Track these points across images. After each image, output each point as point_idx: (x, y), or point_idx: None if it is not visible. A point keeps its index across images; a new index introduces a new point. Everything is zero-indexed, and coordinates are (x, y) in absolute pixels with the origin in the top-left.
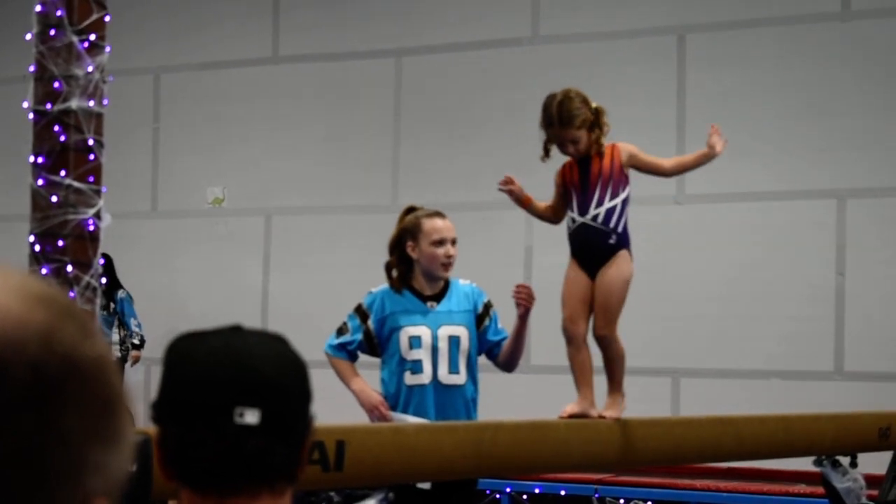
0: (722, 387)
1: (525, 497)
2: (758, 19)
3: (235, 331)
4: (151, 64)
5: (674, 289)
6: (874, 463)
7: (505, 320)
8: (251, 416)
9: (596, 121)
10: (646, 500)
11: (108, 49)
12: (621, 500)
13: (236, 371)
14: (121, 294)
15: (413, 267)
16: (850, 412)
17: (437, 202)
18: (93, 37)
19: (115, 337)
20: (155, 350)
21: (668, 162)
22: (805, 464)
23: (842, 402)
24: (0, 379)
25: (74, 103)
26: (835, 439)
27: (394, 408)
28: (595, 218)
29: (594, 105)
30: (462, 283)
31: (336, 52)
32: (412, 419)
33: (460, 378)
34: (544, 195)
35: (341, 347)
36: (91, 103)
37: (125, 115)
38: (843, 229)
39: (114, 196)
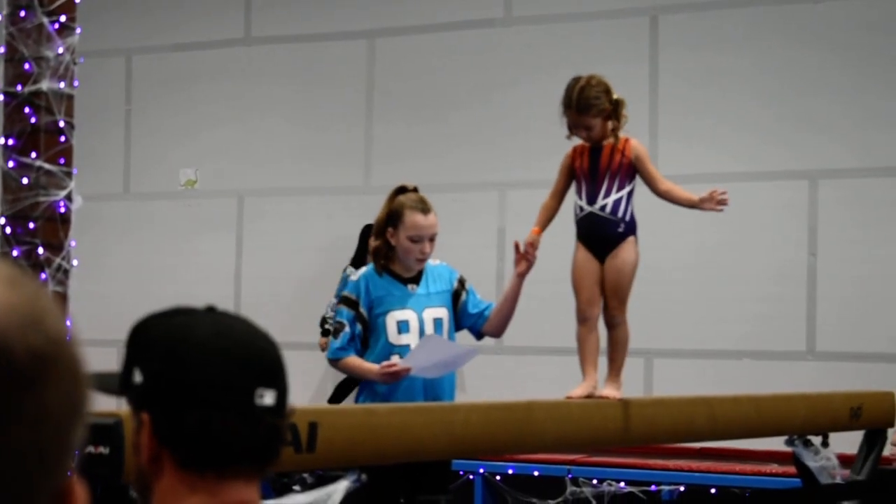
0: (694, 367)
1: (498, 478)
2: (731, 0)
3: (214, 311)
4: (123, 45)
5: (646, 270)
6: (845, 443)
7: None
8: (269, 398)
9: (614, 111)
10: (619, 481)
11: (78, 30)
12: (594, 481)
13: (252, 352)
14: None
15: (392, 250)
16: (821, 392)
17: (410, 183)
18: (63, 18)
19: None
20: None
21: (664, 183)
22: (777, 443)
23: (814, 382)
24: (5, 363)
25: (45, 85)
26: (806, 419)
27: (383, 395)
28: (603, 208)
29: (615, 96)
30: (433, 262)
31: (308, 34)
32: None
33: None
34: (516, 174)
35: (344, 347)
36: (62, 85)
37: (97, 96)
38: (814, 210)
39: (85, 178)
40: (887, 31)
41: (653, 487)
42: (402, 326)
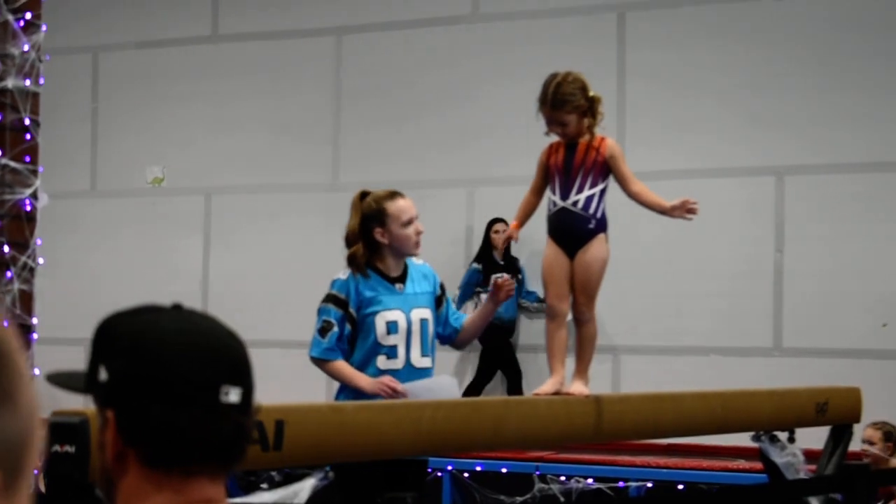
0: (661, 364)
1: (466, 475)
2: None
3: (180, 309)
4: (89, 43)
5: (613, 266)
6: (812, 438)
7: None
8: (234, 395)
9: (590, 108)
10: (587, 478)
11: (44, 28)
12: (562, 478)
13: (217, 349)
14: (521, 263)
15: (378, 251)
16: (788, 388)
17: (377, 181)
18: (28, 15)
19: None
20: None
21: (636, 185)
22: (744, 439)
23: (780, 377)
24: None
25: (10, 82)
26: (773, 415)
27: (365, 397)
28: (575, 203)
29: (592, 93)
30: (416, 262)
31: (276, 31)
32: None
33: (429, 361)
34: (485, 171)
35: (332, 349)
36: (27, 82)
37: (63, 94)
38: (781, 206)
39: (52, 176)
40: (852, 29)
41: (620, 484)
42: (392, 327)
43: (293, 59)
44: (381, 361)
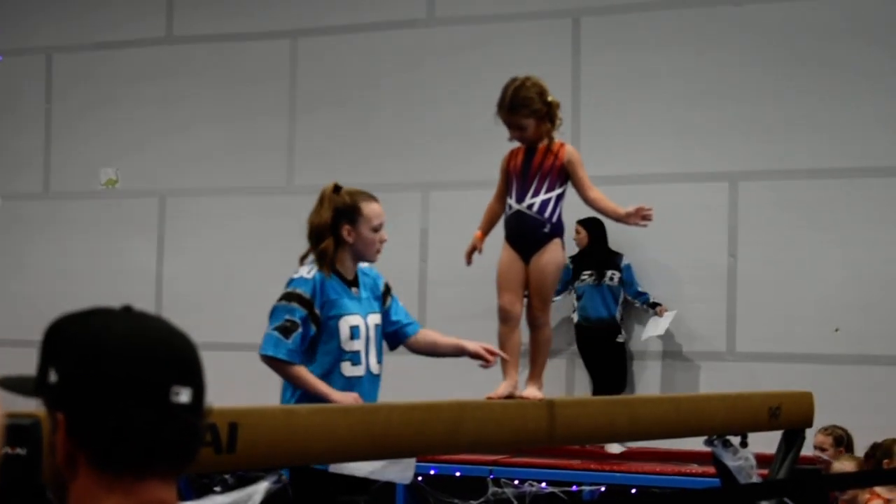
0: None
1: (420, 479)
2: (652, 3)
3: (130, 311)
4: (43, 43)
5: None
6: (764, 442)
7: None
8: (185, 395)
9: (548, 113)
10: (540, 481)
11: None
12: (516, 481)
13: (167, 350)
14: (625, 261)
15: (338, 250)
16: (741, 392)
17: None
18: None
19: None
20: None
21: (594, 191)
22: (697, 444)
23: (733, 382)
24: None
25: None
26: (726, 419)
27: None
28: (530, 207)
29: (550, 98)
30: (362, 265)
31: (231, 33)
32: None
33: (382, 367)
34: (439, 175)
35: (296, 351)
36: None
37: (16, 95)
38: (734, 211)
39: (5, 177)
40: (806, 37)
41: (574, 488)
42: (355, 332)
43: (248, 61)
44: (347, 368)
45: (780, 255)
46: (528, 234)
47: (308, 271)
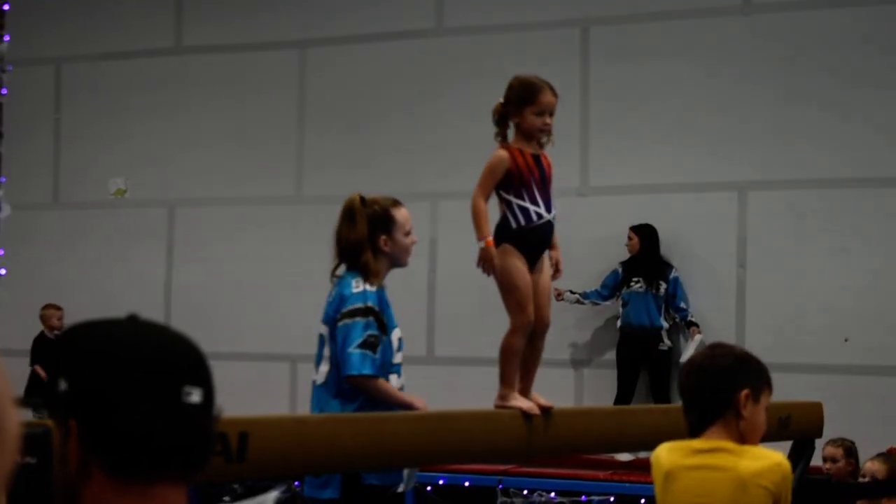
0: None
1: (429, 489)
2: (660, 13)
3: (135, 319)
4: (52, 54)
5: (576, 281)
6: None
7: (407, 329)
8: (196, 395)
9: None
10: (549, 491)
11: (7, 38)
12: (525, 491)
13: (176, 352)
14: (674, 273)
15: (376, 260)
16: None
17: (341, 193)
18: None
19: (664, 321)
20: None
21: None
22: None
23: None
24: None
25: None
26: None
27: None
28: (555, 217)
29: None
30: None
31: (240, 43)
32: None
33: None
34: (448, 184)
35: (381, 365)
36: None
37: (26, 105)
38: (743, 222)
39: (15, 187)
40: (815, 47)
41: (583, 498)
42: (400, 344)
43: (257, 71)
44: (394, 380)
45: (789, 266)
46: (546, 245)
47: (368, 284)
